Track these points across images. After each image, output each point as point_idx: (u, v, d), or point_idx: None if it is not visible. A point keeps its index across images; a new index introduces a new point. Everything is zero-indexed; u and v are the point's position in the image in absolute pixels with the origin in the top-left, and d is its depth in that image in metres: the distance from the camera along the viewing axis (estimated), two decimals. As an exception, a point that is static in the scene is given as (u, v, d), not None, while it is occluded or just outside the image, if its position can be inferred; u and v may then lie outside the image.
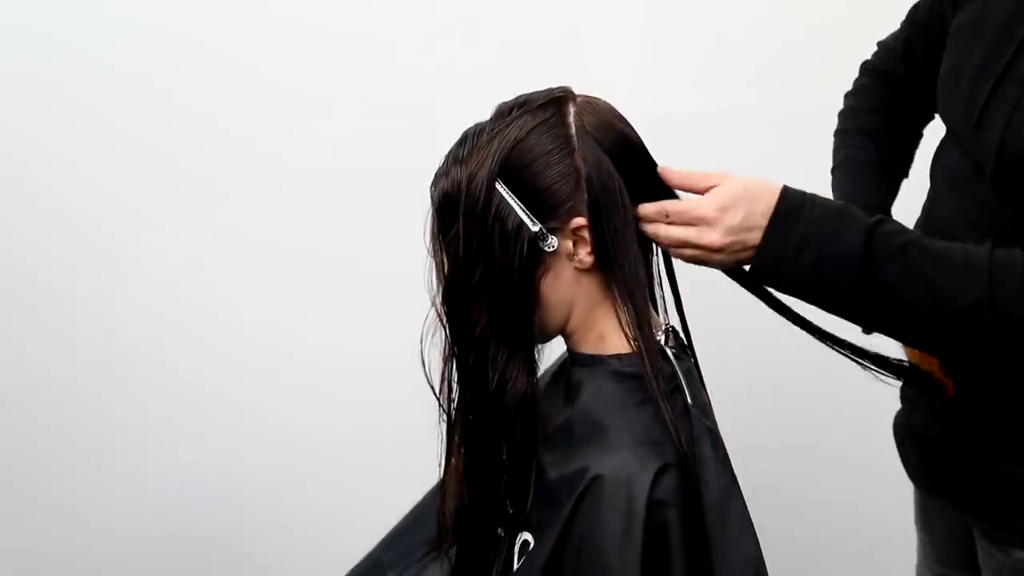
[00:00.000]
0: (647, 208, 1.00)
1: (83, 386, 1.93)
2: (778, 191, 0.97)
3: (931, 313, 0.92)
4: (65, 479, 1.96)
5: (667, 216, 0.99)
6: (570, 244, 0.98)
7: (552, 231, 0.98)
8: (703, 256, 0.99)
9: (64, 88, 1.79)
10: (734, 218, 0.96)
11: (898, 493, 1.31)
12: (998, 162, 0.98)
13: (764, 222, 0.96)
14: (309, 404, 1.94)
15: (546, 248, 0.97)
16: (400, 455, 1.10)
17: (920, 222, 1.18)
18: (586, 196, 0.97)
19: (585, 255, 0.98)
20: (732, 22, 1.77)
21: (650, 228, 1.00)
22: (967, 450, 1.11)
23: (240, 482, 1.98)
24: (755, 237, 0.96)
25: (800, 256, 0.95)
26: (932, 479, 1.19)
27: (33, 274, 1.87)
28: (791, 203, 0.96)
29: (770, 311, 1.07)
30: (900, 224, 0.97)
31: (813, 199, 0.97)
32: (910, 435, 1.22)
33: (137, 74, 1.79)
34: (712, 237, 0.96)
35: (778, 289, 0.99)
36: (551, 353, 1.11)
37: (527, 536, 0.98)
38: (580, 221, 0.97)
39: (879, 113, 1.30)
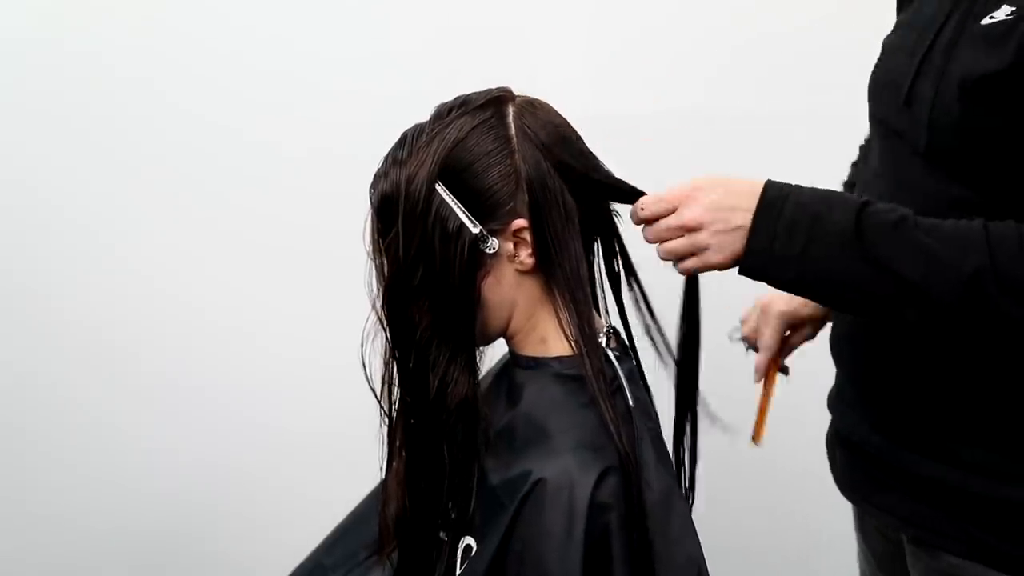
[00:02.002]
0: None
1: (52, 380, 1.90)
2: (760, 181, 0.97)
3: (932, 286, 0.90)
4: (39, 477, 1.94)
5: (642, 209, 0.98)
6: (511, 246, 0.98)
7: (493, 233, 0.97)
8: (689, 245, 0.97)
9: (47, 83, 1.76)
10: (711, 194, 0.95)
11: (839, 499, 1.32)
12: (930, 132, 0.98)
13: (749, 204, 0.95)
14: (276, 400, 1.93)
15: (487, 250, 0.97)
16: (362, 452, 1.10)
17: None
18: (527, 197, 0.97)
19: (526, 257, 0.98)
20: (684, 23, 1.79)
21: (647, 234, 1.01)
22: (895, 452, 1.10)
23: (203, 477, 1.97)
24: (739, 218, 0.95)
25: (791, 240, 0.93)
26: (861, 486, 1.19)
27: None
28: (775, 191, 0.95)
29: (713, 312, 1.07)
30: (889, 203, 0.96)
31: (797, 186, 0.96)
32: (840, 442, 1.22)
33: (120, 67, 1.77)
34: (693, 212, 0.95)
35: (769, 281, 0.97)
36: (493, 355, 1.11)
37: (470, 540, 0.97)
38: (520, 223, 0.97)
39: None
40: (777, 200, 0.95)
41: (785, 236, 0.93)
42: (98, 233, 1.84)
